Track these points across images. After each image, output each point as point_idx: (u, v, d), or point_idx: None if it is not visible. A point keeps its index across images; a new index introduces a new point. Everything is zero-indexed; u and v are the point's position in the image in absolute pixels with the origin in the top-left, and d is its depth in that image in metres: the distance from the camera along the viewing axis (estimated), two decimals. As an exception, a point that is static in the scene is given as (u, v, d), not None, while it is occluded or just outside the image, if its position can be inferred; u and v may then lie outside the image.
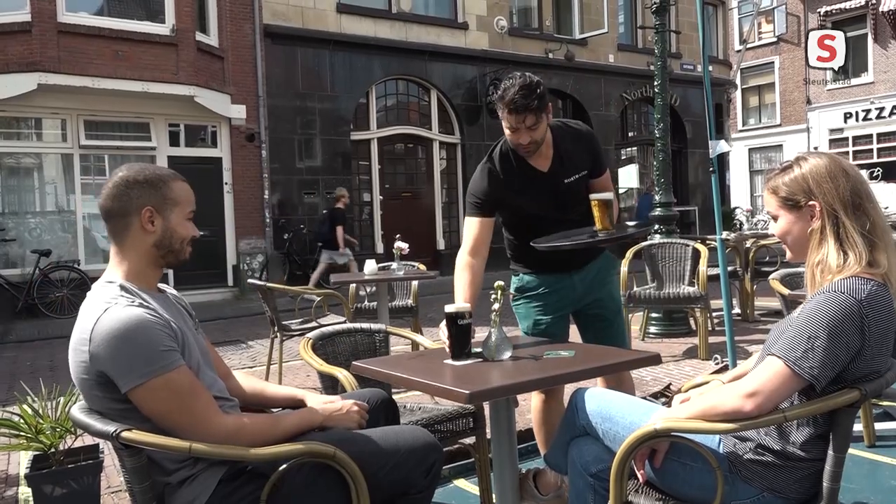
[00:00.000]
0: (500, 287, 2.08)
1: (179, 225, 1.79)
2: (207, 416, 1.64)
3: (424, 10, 14.26)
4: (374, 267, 5.49)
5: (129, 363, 1.57)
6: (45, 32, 9.56)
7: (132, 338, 1.57)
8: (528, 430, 3.58)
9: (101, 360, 1.58)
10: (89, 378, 1.63)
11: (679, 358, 5.29)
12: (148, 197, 1.74)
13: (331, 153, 12.77)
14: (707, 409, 1.63)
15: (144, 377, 1.57)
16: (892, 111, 23.20)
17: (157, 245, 1.76)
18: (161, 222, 1.76)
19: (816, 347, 1.56)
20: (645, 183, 16.85)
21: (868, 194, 1.70)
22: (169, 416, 1.61)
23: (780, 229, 1.79)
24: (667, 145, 6.37)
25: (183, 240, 1.80)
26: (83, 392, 1.68)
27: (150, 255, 1.76)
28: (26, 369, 6.26)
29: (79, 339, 1.63)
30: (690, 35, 16.95)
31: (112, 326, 1.57)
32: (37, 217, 10.91)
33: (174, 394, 1.60)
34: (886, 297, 1.62)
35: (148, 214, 1.74)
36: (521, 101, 2.35)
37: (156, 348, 1.59)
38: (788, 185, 1.74)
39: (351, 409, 1.93)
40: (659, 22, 6.24)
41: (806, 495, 1.68)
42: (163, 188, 1.76)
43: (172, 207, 1.78)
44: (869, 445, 3.33)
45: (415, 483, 1.84)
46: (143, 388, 1.58)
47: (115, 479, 3.24)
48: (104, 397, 1.64)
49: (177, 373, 1.61)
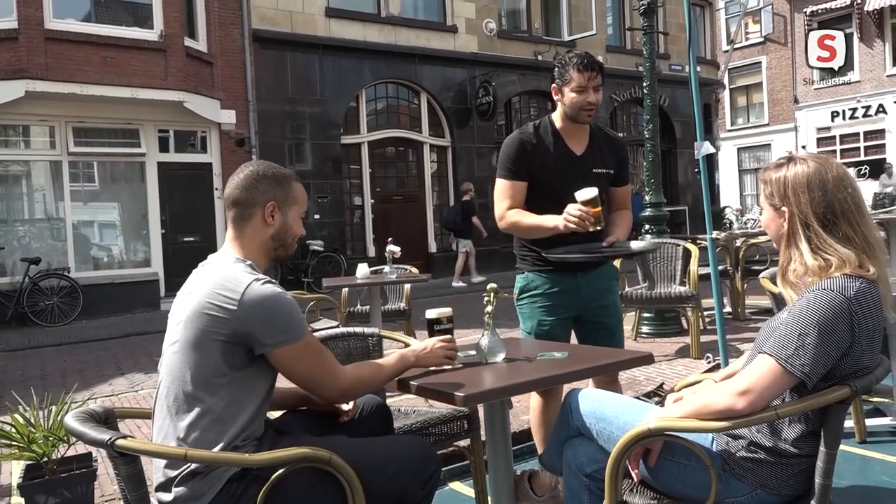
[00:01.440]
0: (493, 290, 2.08)
1: (295, 222, 1.94)
2: (336, 369, 1.85)
3: (413, 13, 14.28)
4: (366, 271, 5.49)
5: (279, 326, 1.74)
6: (33, 39, 9.51)
7: (281, 306, 1.75)
8: (523, 432, 3.59)
9: (250, 321, 1.71)
10: (218, 336, 1.70)
11: (671, 357, 5.31)
12: (273, 192, 1.89)
13: (321, 157, 12.75)
14: (700, 408, 1.64)
15: (290, 340, 1.75)
16: (878, 109, 23.39)
17: (273, 237, 1.90)
18: (280, 217, 1.89)
19: (807, 345, 1.57)
20: (635, 184, 16.91)
21: (847, 210, 1.69)
22: (311, 370, 1.81)
23: (764, 222, 1.87)
24: (656, 146, 6.40)
25: (295, 236, 1.95)
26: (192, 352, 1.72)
27: (265, 246, 1.90)
28: (17, 378, 6.22)
29: (221, 297, 1.72)
30: (678, 36, 17.05)
31: (266, 294, 1.73)
32: (26, 225, 10.84)
33: (314, 352, 1.81)
34: (875, 294, 1.64)
35: (271, 208, 1.87)
36: (591, 58, 2.64)
37: (299, 316, 1.80)
38: (773, 183, 1.79)
39: (435, 347, 2.02)
40: (647, 23, 6.27)
41: (798, 492, 1.69)
42: (287, 186, 1.92)
43: (292, 205, 1.92)
44: (860, 441, 3.35)
45: (412, 494, 1.85)
46: (294, 347, 1.75)
47: (109, 487, 3.22)
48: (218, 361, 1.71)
49: (311, 337, 1.84)
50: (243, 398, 1.76)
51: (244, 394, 1.76)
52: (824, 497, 1.64)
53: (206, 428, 1.71)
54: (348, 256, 12.43)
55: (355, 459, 1.72)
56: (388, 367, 1.95)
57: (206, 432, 1.71)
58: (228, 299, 1.71)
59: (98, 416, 1.79)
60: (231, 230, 1.90)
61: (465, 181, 13.50)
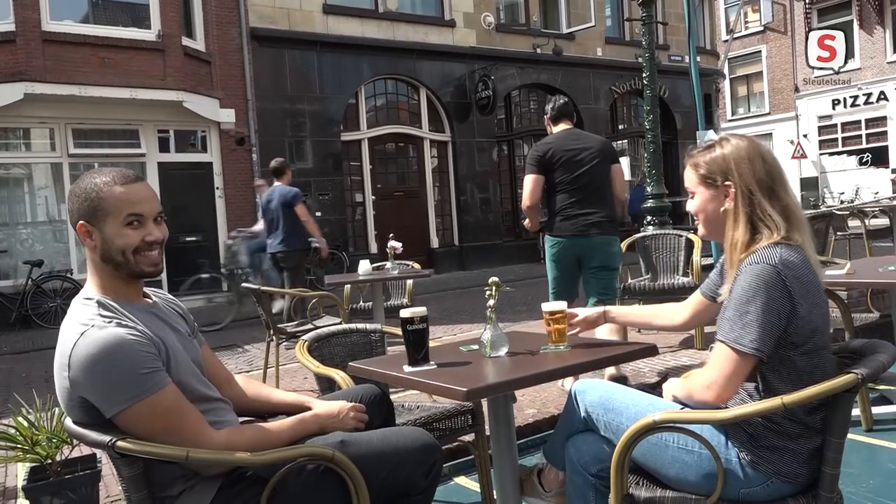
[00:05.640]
0: (494, 283, 2.07)
1: (116, 235, 1.65)
2: (196, 434, 1.61)
3: (411, 8, 14.24)
4: (368, 267, 5.48)
5: (111, 390, 1.53)
6: (31, 42, 9.49)
7: (111, 363, 1.52)
8: (528, 426, 3.59)
9: (82, 387, 1.55)
10: (73, 403, 1.60)
11: (675, 348, 5.30)
12: (80, 210, 1.65)
13: (321, 155, 12.74)
14: (684, 395, 1.76)
15: (127, 402, 1.53)
16: (879, 97, 23.31)
17: (103, 259, 1.67)
18: (98, 234, 1.65)
19: (750, 321, 1.62)
20: (636, 175, 16.87)
21: (783, 180, 1.79)
22: (158, 437, 1.57)
23: (696, 206, 1.88)
24: (657, 137, 6.38)
25: (123, 250, 1.65)
26: (70, 415, 1.65)
27: (106, 270, 1.68)
28: (21, 381, 6.22)
29: (59, 363, 1.58)
30: (677, 26, 16.97)
31: (89, 352, 1.52)
32: (28, 227, 10.85)
33: (160, 416, 1.56)
34: (800, 254, 1.69)
35: (83, 229, 1.66)
36: None
37: (137, 371, 1.54)
38: (708, 163, 1.83)
39: (347, 414, 1.90)
40: (646, 14, 6.25)
41: (810, 480, 1.68)
42: (93, 198, 1.64)
43: (104, 217, 1.64)
44: (867, 429, 3.33)
45: (415, 484, 1.83)
46: (128, 413, 1.54)
47: (114, 488, 3.22)
48: (91, 422, 1.60)
49: (161, 394, 1.56)
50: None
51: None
52: (832, 486, 1.63)
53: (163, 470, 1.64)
54: (350, 253, 12.41)
55: (356, 454, 1.70)
56: (279, 433, 1.75)
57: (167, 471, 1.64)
58: (62, 364, 1.56)
59: (99, 418, 1.78)
60: None
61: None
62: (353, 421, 1.90)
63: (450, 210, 14.56)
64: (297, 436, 1.78)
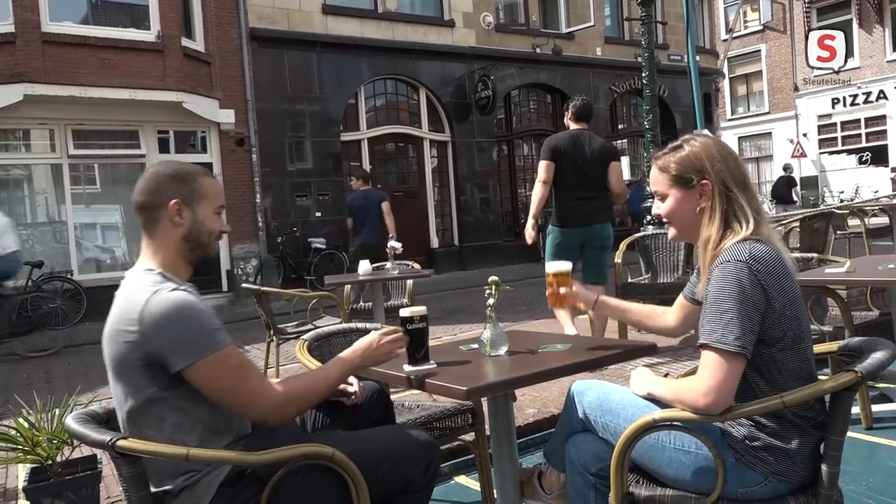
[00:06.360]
0: (494, 282, 2.07)
1: (207, 218, 1.82)
2: (261, 388, 1.70)
3: (410, 8, 14.24)
4: (368, 267, 5.48)
5: (185, 342, 1.61)
6: (30, 43, 9.49)
7: (186, 317, 1.62)
8: (528, 425, 3.59)
9: (154, 340, 1.61)
10: (135, 362, 1.63)
11: (675, 347, 5.29)
12: (176, 190, 1.78)
13: (321, 155, 12.74)
14: (673, 399, 1.69)
15: (200, 354, 1.61)
16: (878, 95, 23.31)
17: (185, 237, 1.80)
18: (189, 214, 1.79)
19: (730, 320, 1.60)
20: (636, 174, 16.87)
21: (749, 175, 1.82)
22: (225, 392, 1.66)
23: (668, 208, 1.87)
24: (657, 136, 6.39)
25: (211, 233, 1.84)
26: (121, 381, 1.67)
27: (180, 248, 1.80)
28: (21, 382, 6.23)
29: (125, 320, 1.64)
30: (677, 26, 16.98)
31: (164, 308, 1.61)
32: (28, 228, 10.84)
33: (230, 370, 1.65)
34: (768, 249, 1.68)
35: (176, 207, 1.77)
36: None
37: (207, 327, 1.64)
38: (680, 162, 1.81)
39: (381, 342, 1.89)
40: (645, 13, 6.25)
41: (809, 478, 1.68)
42: (191, 182, 1.81)
43: (200, 200, 1.81)
44: (867, 428, 3.34)
45: (413, 481, 1.84)
46: (200, 366, 1.61)
47: (115, 488, 3.22)
48: (145, 385, 1.64)
49: (229, 349, 1.66)
50: (193, 411, 1.68)
51: (193, 406, 1.68)
52: (832, 484, 1.63)
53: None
54: (350, 253, 12.41)
55: (355, 453, 1.70)
56: (329, 376, 1.82)
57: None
58: (130, 321, 1.63)
59: (99, 418, 1.79)
60: (143, 238, 1.81)
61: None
62: (390, 345, 1.90)
63: (450, 210, 14.56)
64: (344, 374, 1.86)
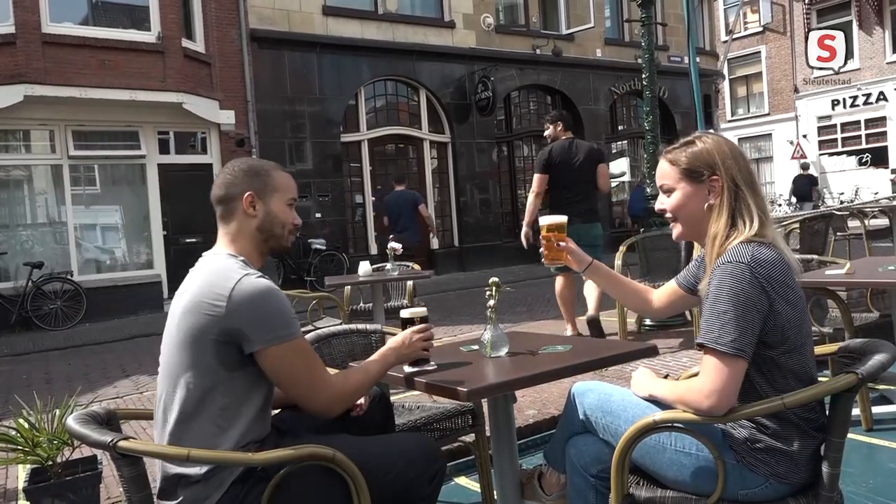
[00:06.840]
0: (494, 283, 2.07)
1: (281, 210, 1.91)
2: (323, 379, 1.79)
3: (411, 9, 14.24)
4: (368, 268, 5.48)
5: (269, 324, 1.69)
6: (30, 44, 9.50)
7: (272, 303, 1.71)
8: (528, 427, 3.59)
9: (240, 318, 1.67)
10: (211, 335, 1.68)
11: (676, 349, 5.29)
12: (250, 183, 1.87)
13: (321, 156, 12.74)
14: (676, 401, 1.68)
15: (280, 339, 1.70)
16: (878, 97, 23.31)
17: (259, 228, 1.88)
18: (262, 207, 1.87)
19: (728, 322, 1.59)
20: (636, 176, 16.88)
21: (756, 176, 1.81)
22: (295, 377, 1.74)
23: (675, 202, 1.83)
24: (657, 137, 6.38)
25: (284, 224, 1.91)
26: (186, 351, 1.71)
27: (254, 239, 1.88)
28: (21, 382, 6.23)
29: (212, 294, 1.69)
30: (677, 27, 16.99)
31: (255, 289, 1.69)
32: (28, 229, 10.85)
33: (301, 357, 1.75)
34: (771, 252, 1.67)
35: (249, 199, 1.86)
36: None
37: (289, 315, 1.74)
38: (692, 157, 1.80)
39: (412, 339, 1.97)
40: (645, 15, 6.25)
41: (809, 480, 1.68)
42: (264, 175, 1.90)
43: (273, 193, 1.89)
44: (867, 429, 3.33)
45: (418, 491, 1.84)
46: (279, 348, 1.70)
47: (115, 489, 3.22)
48: (211, 360, 1.69)
49: (303, 339, 1.77)
50: (243, 399, 1.74)
51: (243, 395, 1.74)
52: (833, 486, 1.63)
53: (205, 432, 1.70)
54: (350, 254, 12.43)
55: (360, 457, 1.70)
56: (373, 373, 1.92)
57: (205, 436, 1.69)
58: (218, 296, 1.68)
59: (100, 418, 1.78)
60: (220, 229, 1.90)
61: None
62: (421, 342, 1.97)
63: (450, 211, 14.56)
64: (383, 371, 1.94)
